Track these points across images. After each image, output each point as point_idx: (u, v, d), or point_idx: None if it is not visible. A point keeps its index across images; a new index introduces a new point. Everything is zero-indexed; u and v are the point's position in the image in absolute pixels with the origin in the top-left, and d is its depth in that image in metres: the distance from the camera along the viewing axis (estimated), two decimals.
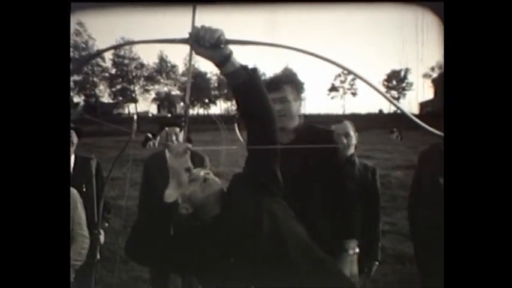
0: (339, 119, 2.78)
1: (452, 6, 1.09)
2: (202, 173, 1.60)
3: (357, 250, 2.43)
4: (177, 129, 3.39)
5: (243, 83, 1.44)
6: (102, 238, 2.84)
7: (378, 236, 2.74)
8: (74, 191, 2.66)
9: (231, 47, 1.42)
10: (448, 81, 1.09)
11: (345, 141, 2.61)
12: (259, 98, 1.48)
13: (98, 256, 2.72)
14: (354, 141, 2.68)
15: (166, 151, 3.38)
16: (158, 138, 3.18)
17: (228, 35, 1.40)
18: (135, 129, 2.78)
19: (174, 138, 3.32)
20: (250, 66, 1.45)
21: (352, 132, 2.68)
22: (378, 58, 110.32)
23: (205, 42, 1.34)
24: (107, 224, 3.20)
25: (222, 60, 1.40)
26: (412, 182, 3.00)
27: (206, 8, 1.41)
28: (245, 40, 1.37)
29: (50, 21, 1.12)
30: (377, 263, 2.71)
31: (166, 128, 3.29)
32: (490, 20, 1.06)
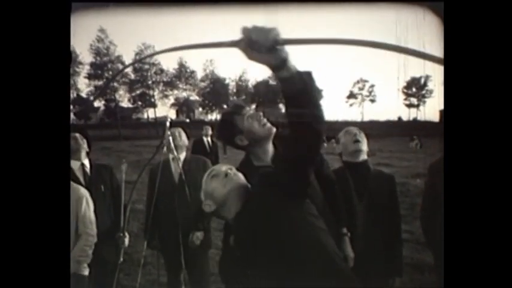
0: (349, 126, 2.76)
1: (452, 6, 1.09)
2: (223, 168, 1.63)
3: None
4: (179, 129, 3.43)
5: (298, 92, 1.31)
6: (126, 241, 2.88)
7: (400, 249, 2.63)
8: (82, 190, 2.75)
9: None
10: (448, 81, 1.09)
11: (357, 133, 2.57)
12: (313, 107, 1.36)
13: (122, 258, 2.76)
14: (365, 142, 2.58)
15: (170, 156, 3.42)
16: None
17: (230, 35, 1.30)
18: (168, 135, 2.82)
19: (178, 137, 3.35)
20: (266, 72, 1.41)
21: (362, 134, 2.60)
22: (378, 58, 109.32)
23: (260, 46, 1.19)
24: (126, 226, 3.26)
25: (279, 64, 1.25)
26: (424, 195, 2.91)
27: (208, 8, 1.41)
28: (303, 38, 1.19)
29: (50, 21, 1.12)
30: (398, 278, 2.59)
31: (168, 132, 3.34)
32: (490, 20, 1.06)
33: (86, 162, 3.10)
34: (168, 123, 2.86)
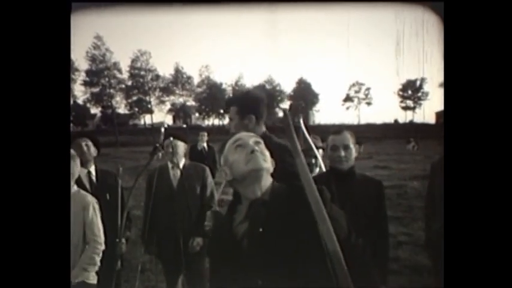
0: (338, 129, 2.55)
1: (452, 6, 1.09)
2: (251, 141, 1.48)
3: None
4: (177, 142, 3.42)
5: None
6: (124, 247, 2.87)
7: (386, 256, 2.52)
8: (89, 198, 2.72)
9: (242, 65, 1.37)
10: (448, 81, 1.09)
11: (342, 153, 2.41)
12: None
13: (119, 265, 2.74)
14: (353, 154, 2.46)
15: (169, 163, 3.42)
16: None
17: (228, 35, 1.35)
18: (161, 141, 2.82)
19: (170, 150, 3.34)
20: (262, 77, 1.41)
21: (351, 145, 2.46)
22: (373, 61, 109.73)
23: None
24: (128, 233, 3.25)
25: None
26: (426, 194, 2.95)
27: (207, 8, 1.41)
28: None
29: (50, 21, 1.13)
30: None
31: (171, 138, 3.34)
32: (490, 20, 1.06)
33: (92, 169, 3.11)
34: (162, 129, 2.87)
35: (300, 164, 1.31)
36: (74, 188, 2.68)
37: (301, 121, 2.05)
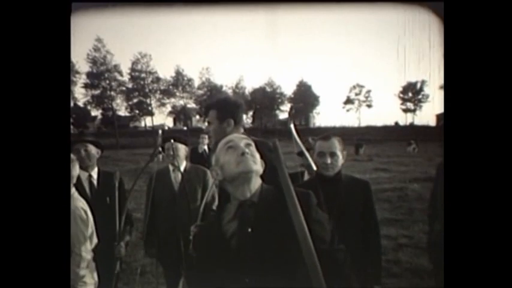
0: (326, 135, 2.54)
1: (452, 6, 1.10)
2: (242, 144, 1.50)
3: None
4: (178, 144, 3.41)
5: None
6: (123, 251, 2.86)
7: (378, 256, 2.54)
8: (75, 205, 2.58)
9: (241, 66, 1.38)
10: (448, 81, 1.09)
11: (328, 160, 2.40)
12: None
13: (118, 268, 2.73)
14: (340, 161, 2.45)
15: (169, 166, 3.42)
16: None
17: (228, 35, 1.35)
18: (159, 143, 2.82)
19: (171, 152, 3.34)
20: (263, 79, 1.44)
21: (339, 152, 2.44)
22: (374, 64, 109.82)
23: None
24: (128, 237, 3.22)
25: None
26: (430, 195, 2.97)
27: (207, 8, 1.41)
28: None
29: (50, 21, 1.14)
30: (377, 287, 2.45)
31: (170, 141, 3.33)
32: (490, 20, 1.07)
33: (94, 173, 3.09)
34: (160, 132, 2.87)
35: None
36: (71, 190, 2.65)
37: (292, 126, 2.07)
